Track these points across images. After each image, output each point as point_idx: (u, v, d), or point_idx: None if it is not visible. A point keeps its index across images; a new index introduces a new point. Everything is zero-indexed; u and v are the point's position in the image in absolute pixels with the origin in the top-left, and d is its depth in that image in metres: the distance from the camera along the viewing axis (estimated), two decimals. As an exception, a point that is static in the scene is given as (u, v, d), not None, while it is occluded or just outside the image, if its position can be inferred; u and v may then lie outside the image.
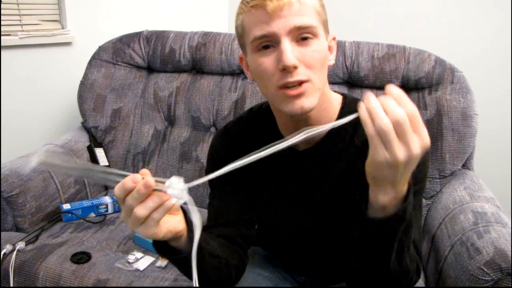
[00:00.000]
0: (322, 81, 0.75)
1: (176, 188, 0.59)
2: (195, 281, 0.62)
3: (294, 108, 0.73)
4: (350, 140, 0.82)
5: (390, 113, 0.56)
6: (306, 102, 0.72)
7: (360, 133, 0.81)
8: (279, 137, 0.85)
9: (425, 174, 0.80)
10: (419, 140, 0.56)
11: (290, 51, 0.70)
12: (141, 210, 0.58)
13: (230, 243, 0.86)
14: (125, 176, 0.60)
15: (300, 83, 0.71)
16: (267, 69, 0.73)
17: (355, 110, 0.82)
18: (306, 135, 0.61)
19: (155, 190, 0.59)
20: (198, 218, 0.61)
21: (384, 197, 0.62)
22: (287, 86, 0.72)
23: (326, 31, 0.78)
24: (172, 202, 0.60)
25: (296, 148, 0.85)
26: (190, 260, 0.69)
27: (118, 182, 0.60)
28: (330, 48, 0.80)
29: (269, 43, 0.72)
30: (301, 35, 0.71)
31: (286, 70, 0.70)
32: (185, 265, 0.73)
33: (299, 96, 0.72)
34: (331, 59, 0.80)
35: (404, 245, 0.68)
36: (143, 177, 0.59)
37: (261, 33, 0.71)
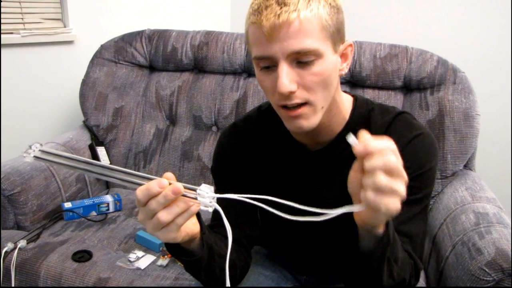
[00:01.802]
0: (326, 99, 0.73)
1: (207, 197, 0.58)
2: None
3: (293, 127, 0.74)
4: None
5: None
6: (305, 123, 0.72)
7: (372, 133, 0.81)
8: (288, 136, 0.86)
9: (431, 180, 0.80)
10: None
11: (285, 77, 0.67)
12: (165, 215, 0.57)
13: (235, 244, 0.86)
14: (145, 178, 0.59)
15: (299, 105, 0.70)
16: (268, 88, 0.72)
17: (365, 113, 0.82)
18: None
19: (182, 195, 0.57)
20: (230, 230, 0.60)
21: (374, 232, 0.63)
22: (286, 106, 0.71)
23: (338, 41, 0.73)
24: (202, 209, 0.58)
25: (307, 148, 0.85)
26: (202, 263, 0.70)
27: (121, 180, 0.60)
28: (344, 56, 0.77)
29: (269, 64, 0.70)
30: (301, 59, 0.68)
31: (282, 95, 0.69)
32: (195, 266, 0.73)
33: (297, 117, 0.71)
34: (344, 68, 0.77)
35: (391, 261, 0.67)
36: (169, 182, 0.57)
37: (260, 54, 0.69)
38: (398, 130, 0.79)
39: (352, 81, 1.57)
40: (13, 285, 1.21)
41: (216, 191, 0.95)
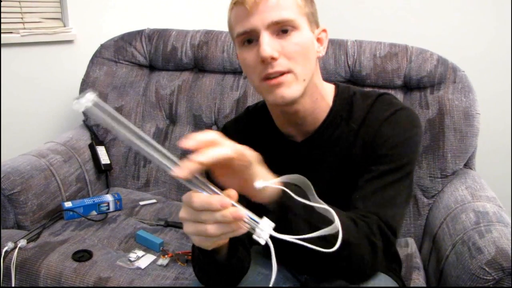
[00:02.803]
0: (307, 72, 0.77)
1: (265, 231, 0.56)
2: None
3: (276, 98, 0.76)
4: (346, 126, 0.84)
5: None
6: (287, 92, 0.75)
7: (355, 118, 0.83)
8: (277, 131, 0.89)
9: (409, 151, 0.80)
10: None
11: (267, 43, 0.73)
12: (214, 230, 0.55)
13: (241, 247, 0.87)
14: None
15: (282, 73, 0.74)
16: (250, 63, 0.76)
17: (348, 98, 0.86)
18: None
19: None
20: (275, 263, 0.60)
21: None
22: (268, 77, 0.75)
23: (313, 23, 0.79)
24: (255, 239, 0.57)
25: (294, 139, 0.87)
26: (224, 266, 0.72)
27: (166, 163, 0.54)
28: (320, 40, 0.82)
29: (251, 37, 0.75)
30: (281, 28, 0.74)
31: (265, 61, 0.73)
32: (217, 267, 0.74)
33: (279, 85, 0.75)
34: (321, 50, 0.82)
35: (311, 222, 0.67)
36: (232, 204, 0.55)
37: (242, 29, 0.75)
38: (378, 109, 0.83)
39: (352, 80, 1.57)
40: (13, 285, 1.21)
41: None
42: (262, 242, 0.58)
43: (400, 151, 0.80)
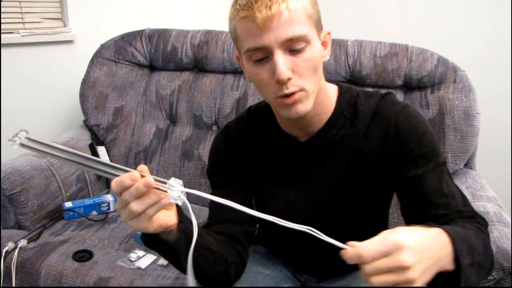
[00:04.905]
0: (316, 84, 0.77)
1: (176, 191, 0.60)
2: (190, 281, 0.63)
3: (291, 114, 0.76)
4: (351, 125, 0.85)
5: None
6: (301, 108, 0.76)
7: (361, 118, 0.84)
8: (280, 132, 0.89)
9: (434, 141, 0.83)
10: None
11: (283, 64, 0.71)
12: (136, 206, 0.60)
13: (229, 240, 0.87)
14: (121, 170, 0.62)
15: (294, 92, 0.74)
16: (263, 80, 0.75)
17: (351, 98, 0.87)
18: None
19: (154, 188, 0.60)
20: (195, 225, 0.63)
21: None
22: (283, 95, 0.74)
23: (319, 29, 0.78)
24: (171, 202, 0.61)
25: (298, 140, 0.87)
26: (177, 250, 0.71)
27: (108, 173, 0.62)
28: (324, 44, 0.81)
29: (263, 55, 0.73)
30: (293, 47, 0.72)
31: (281, 83, 0.72)
32: (170, 255, 0.75)
33: (294, 103, 0.75)
34: (326, 55, 0.81)
35: (477, 262, 0.68)
36: (141, 175, 0.60)
37: (254, 45, 0.72)
38: (385, 111, 0.84)
39: (352, 80, 1.57)
40: (13, 285, 1.21)
41: (213, 192, 0.96)
42: (180, 202, 0.61)
43: (431, 143, 0.81)
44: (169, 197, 0.61)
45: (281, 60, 0.71)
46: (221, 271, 0.83)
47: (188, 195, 0.62)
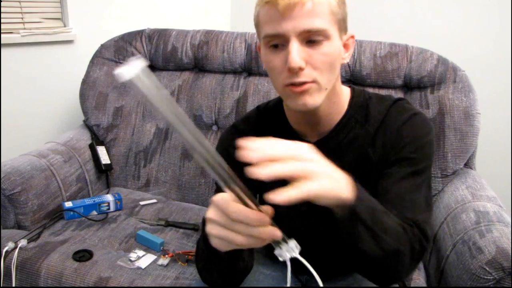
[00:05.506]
0: (330, 81, 0.77)
1: (289, 254, 0.58)
2: None
3: (298, 104, 0.76)
4: (361, 129, 0.85)
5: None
6: (309, 100, 0.75)
7: (372, 120, 0.84)
8: (291, 131, 0.88)
9: (430, 153, 0.82)
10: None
11: (296, 53, 0.71)
12: (244, 241, 0.55)
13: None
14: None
15: (306, 82, 0.73)
16: (276, 67, 0.75)
17: (363, 101, 0.87)
18: None
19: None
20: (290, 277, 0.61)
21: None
22: (293, 84, 0.74)
23: (343, 29, 0.78)
24: (276, 255, 0.59)
25: (307, 139, 0.87)
26: (227, 266, 0.73)
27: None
28: (346, 46, 0.81)
29: (279, 42, 0.74)
30: (311, 37, 0.72)
31: (293, 71, 0.72)
32: (218, 265, 0.75)
33: (302, 93, 0.74)
34: (346, 57, 0.81)
35: (375, 231, 0.66)
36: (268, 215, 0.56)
37: (271, 32, 0.73)
38: (395, 115, 0.84)
39: (352, 80, 1.57)
40: (13, 285, 1.21)
41: (217, 191, 0.96)
42: (281, 260, 0.59)
43: (425, 154, 0.81)
44: (276, 249, 0.57)
45: (295, 49, 0.71)
46: (234, 280, 0.84)
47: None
